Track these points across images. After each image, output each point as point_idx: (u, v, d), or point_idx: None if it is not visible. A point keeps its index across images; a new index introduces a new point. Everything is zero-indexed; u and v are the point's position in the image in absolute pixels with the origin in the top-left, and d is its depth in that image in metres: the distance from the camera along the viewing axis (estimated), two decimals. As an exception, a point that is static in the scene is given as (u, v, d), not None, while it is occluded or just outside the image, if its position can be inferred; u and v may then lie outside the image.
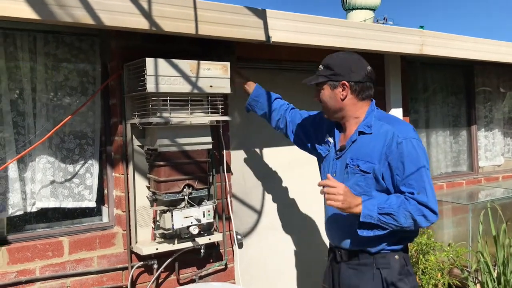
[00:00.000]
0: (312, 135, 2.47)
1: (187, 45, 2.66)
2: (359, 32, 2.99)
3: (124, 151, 2.49)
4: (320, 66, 2.20)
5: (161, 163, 2.39)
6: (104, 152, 2.61)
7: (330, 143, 2.30)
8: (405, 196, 1.97)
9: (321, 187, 1.99)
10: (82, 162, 2.55)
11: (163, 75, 2.27)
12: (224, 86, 2.48)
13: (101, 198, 2.64)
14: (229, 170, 2.88)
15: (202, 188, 2.50)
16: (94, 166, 2.58)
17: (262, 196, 3.16)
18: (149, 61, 2.24)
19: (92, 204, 2.58)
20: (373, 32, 3.07)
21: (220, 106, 2.52)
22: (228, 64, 2.49)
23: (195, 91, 2.38)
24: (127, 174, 2.49)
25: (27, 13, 1.85)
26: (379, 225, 1.97)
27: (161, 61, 2.27)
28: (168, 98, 2.32)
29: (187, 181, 2.45)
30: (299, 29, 2.71)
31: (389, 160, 2.01)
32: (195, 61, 2.37)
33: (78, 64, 2.54)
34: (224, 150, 2.76)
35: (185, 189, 2.44)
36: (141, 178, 2.54)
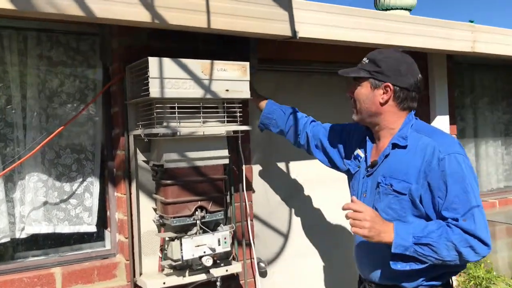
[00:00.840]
0: (339, 149, 2.11)
1: (200, 44, 2.30)
2: (401, 27, 2.56)
3: (127, 167, 2.13)
4: (365, 59, 1.84)
5: (168, 181, 2.02)
6: (106, 168, 2.27)
7: (361, 157, 1.94)
8: (448, 223, 1.62)
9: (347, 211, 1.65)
10: (80, 180, 2.21)
11: (169, 78, 1.91)
12: (242, 90, 2.10)
13: (102, 221, 2.29)
14: (250, 188, 2.49)
15: (217, 210, 2.12)
16: (94, 185, 2.24)
17: (289, 217, 2.75)
18: (153, 61, 1.88)
19: (92, 228, 2.24)
20: (417, 27, 2.63)
21: (238, 114, 2.14)
22: (247, 64, 2.11)
23: (208, 96, 2.01)
24: (130, 194, 2.13)
25: (1, 3, 1.52)
26: (416, 257, 1.60)
27: (167, 61, 1.91)
28: (176, 105, 1.95)
29: (199, 202, 2.07)
30: (331, 23, 2.31)
31: (429, 180, 1.67)
32: (208, 61, 2.00)
33: (75, 67, 2.21)
34: (244, 165, 2.37)
35: (197, 212, 2.06)
36: (146, 199, 2.17)
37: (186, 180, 2.05)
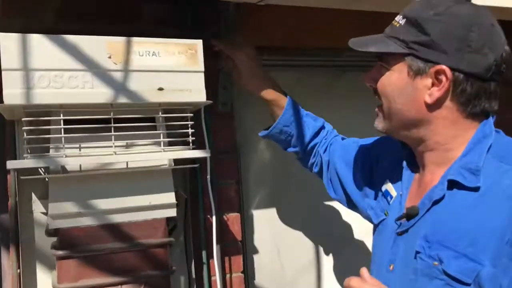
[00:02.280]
0: (359, 181, 1.23)
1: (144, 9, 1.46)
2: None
3: (13, 223, 1.30)
4: (399, 18, 0.97)
5: (60, 252, 1.15)
6: None
7: (391, 196, 1.08)
8: None
9: None
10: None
11: (44, 69, 1.07)
12: (191, 89, 1.20)
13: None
14: (238, 251, 1.55)
15: (156, 299, 1.21)
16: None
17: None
18: (6, 40, 1.05)
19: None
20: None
21: (190, 131, 1.24)
22: (198, 43, 1.21)
23: (123, 100, 1.13)
24: (19, 268, 1.29)
25: None
26: None
27: (37, 39, 1.07)
28: (62, 117, 1.10)
29: (121, 286, 1.19)
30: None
31: None
32: (120, 39, 1.14)
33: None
34: (213, 216, 1.42)
35: (115, 306, 1.17)
36: (48, 276, 1.32)
37: (95, 248, 1.17)
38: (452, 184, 0.91)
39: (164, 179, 1.23)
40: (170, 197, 1.23)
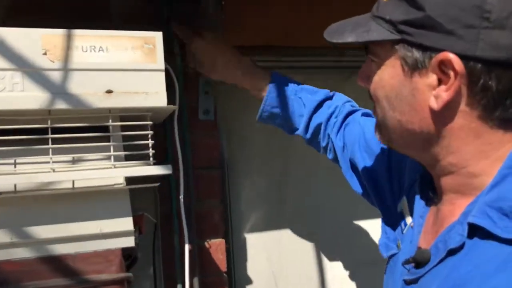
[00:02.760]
0: (383, 189, 0.95)
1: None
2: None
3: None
4: None
5: (-12, 291, 0.95)
6: None
7: (405, 223, 0.82)
8: None
9: None
10: None
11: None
12: (148, 92, 0.99)
13: None
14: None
15: None
16: None
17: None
18: None
19: None
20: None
21: (150, 142, 1.02)
22: (157, 35, 1.00)
23: (63, 105, 0.93)
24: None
25: None
26: None
27: (-47, 33, 0.89)
28: (-14, 127, 0.91)
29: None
30: None
31: None
32: (59, 31, 0.94)
33: None
34: (185, 244, 1.18)
35: None
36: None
37: (32, 286, 0.96)
38: (473, 229, 0.62)
39: (119, 201, 1.02)
40: (126, 223, 1.02)
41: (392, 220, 0.86)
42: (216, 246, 1.31)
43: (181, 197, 1.17)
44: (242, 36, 1.36)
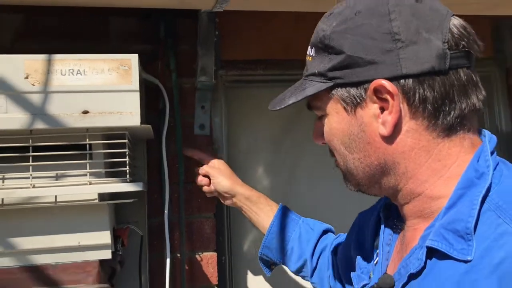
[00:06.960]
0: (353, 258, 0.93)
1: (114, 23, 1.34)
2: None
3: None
4: (309, 50, 0.76)
5: (-23, 296, 1.03)
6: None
7: (376, 256, 0.82)
8: None
9: None
10: None
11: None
12: (122, 112, 1.03)
13: None
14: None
15: None
16: None
17: None
18: None
19: None
20: None
21: (127, 160, 1.06)
22: (133, 58, 1.04)
23: (40, 125, 0.99)
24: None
25: None
26: None
27: None
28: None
29: None
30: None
31: None
32: (40, 56, 1.00)
33: None
34: (167, 258, 1.20)
35: None
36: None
37: (13, 293, 1.03)
38: (431, 252, 0.64)
39: (97, 215, 1.07)
40: (104, 237, 1.06)
41: (366, 254, 0.86)
42: (207, 260, 1.33)
43: (166, 211, 1.20)
44: (237, 50, 1.37)
